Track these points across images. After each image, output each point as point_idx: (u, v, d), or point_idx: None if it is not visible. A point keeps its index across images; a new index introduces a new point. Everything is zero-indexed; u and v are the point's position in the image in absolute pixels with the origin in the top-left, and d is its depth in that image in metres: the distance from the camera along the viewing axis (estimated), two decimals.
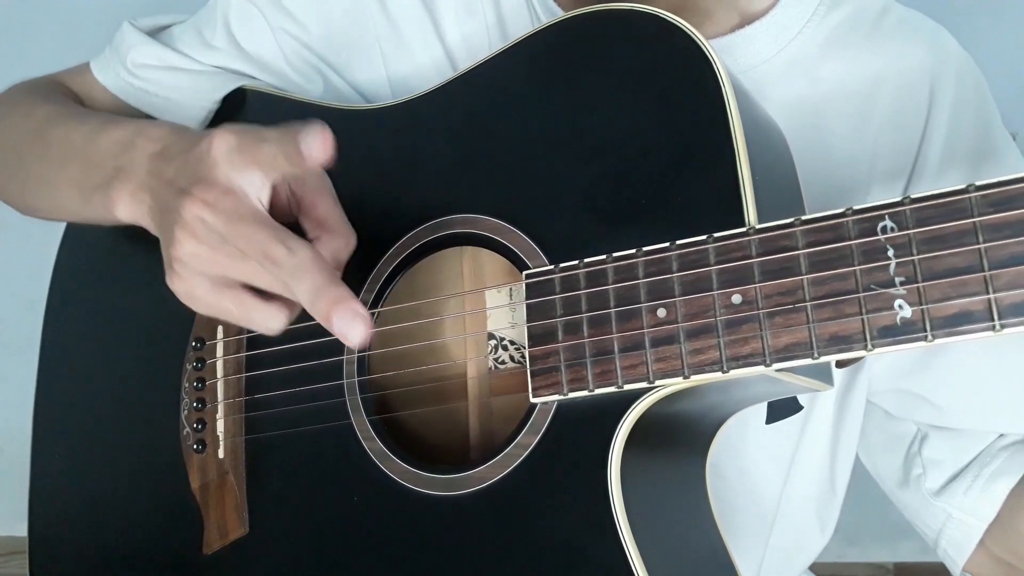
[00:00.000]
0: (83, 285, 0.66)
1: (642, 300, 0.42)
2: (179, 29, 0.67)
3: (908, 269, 0.36)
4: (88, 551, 0.61)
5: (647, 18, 0.45)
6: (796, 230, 0.39)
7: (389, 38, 0.62)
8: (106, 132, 0.55)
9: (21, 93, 0.67)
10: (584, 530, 0.42)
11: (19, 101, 0.65)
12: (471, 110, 0.52)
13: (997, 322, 0.35)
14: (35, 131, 0.61)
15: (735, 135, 0.42)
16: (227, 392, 0.56)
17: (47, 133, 0.60)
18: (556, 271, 0.45)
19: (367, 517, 0.50)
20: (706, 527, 0.48)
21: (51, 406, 0.65)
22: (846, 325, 0.37)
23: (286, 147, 0.44)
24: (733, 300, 0.40)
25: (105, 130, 0.55)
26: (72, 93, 0.68)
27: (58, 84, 0.68)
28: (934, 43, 0.60)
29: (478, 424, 0.54)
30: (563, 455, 0.44)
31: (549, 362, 0.44)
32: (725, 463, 0.60)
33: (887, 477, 0.68)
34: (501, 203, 0.49)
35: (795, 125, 0.51)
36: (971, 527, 0.61)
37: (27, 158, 0.62)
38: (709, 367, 0.40)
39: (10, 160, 0.64)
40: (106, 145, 0.54)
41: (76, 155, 0.56)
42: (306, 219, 0.50)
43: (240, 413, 0.56)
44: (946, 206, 0.36)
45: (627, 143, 0.45)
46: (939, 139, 0.59)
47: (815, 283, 0.38)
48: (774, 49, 0.58)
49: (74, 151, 0.57)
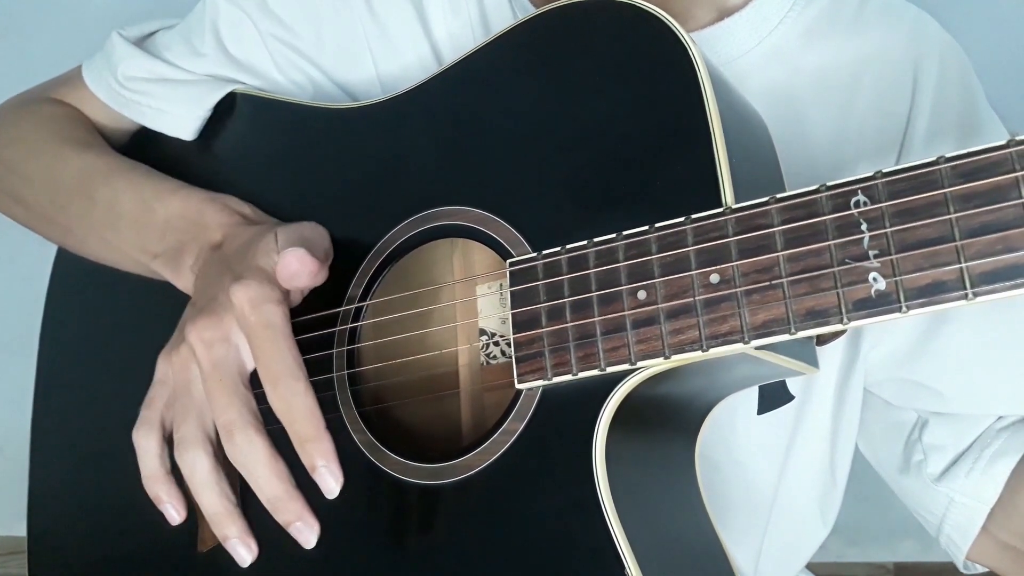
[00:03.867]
0: (82, 286, 0.67)
1: (623, 283, 0.43)
2: (168, 37, 0.67)
3: (881, 242, 0.37)
4: (85, 550, 0.61)
5: (622, 7, 0.46)
6: (771, 208, 0.39)
7: (377, 37, 0.63)
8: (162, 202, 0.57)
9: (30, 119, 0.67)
10: (571, 512, 0.42)
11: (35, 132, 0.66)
12: (454, 104, 0.53)
13: (970, 291, 0.35)
14: (76, 187, 0.62)
15: (710, 116, 0.42)
16: None
17: (91, 190, 0.61)
18: (539, 258, 0.45)
19: (359, 509, 0.50)
20: (695, 511, 0.48)
21: (49, 406, 0.66)
22: (822, 299, 0.38)
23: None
24: (711, 279, 0.40)
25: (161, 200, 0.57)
26: (85, 119, 0.68)
27: (62, 107, 0.69)
28: (915, 28, 0.61)
29: (470, 417, 0.55)
30: (549, 439, 0.44)
31: (534, 348, 0.45)
32: (718, 455, 0.60)
33: (887, 465, 0.68)
34: (485, 194, 0.49)
35: (777, 113, 0.52)
36: (974, 510, 0.61)
37: (69, 209, 0.62)
38: (689, 346, 0.41)
39: (43, 203, 0.64)
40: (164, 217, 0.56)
41: (129, 222, 0.58)
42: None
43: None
44: (917, 179, 0.36)
45: (606, 130, 0.46)
46: (924, 122, 0.59)
47: (791, 259, 0.39)
48: (754, 41, 0.59)
49: (126, 217, 0.58)
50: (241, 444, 0.45)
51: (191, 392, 0.47)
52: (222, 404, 0.45)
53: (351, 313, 0.53)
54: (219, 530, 0.47)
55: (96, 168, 0.62)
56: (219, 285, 0.48)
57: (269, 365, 0.45)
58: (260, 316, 0.45)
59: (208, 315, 0.47)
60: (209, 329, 0.46)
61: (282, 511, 0.46)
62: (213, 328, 0.46)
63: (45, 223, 0.66)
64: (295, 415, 0.45)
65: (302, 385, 0.45)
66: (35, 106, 0.68)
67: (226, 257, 0.51)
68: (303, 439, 0.45)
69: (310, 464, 0.45)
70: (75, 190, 0.62)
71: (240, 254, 0.49)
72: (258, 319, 0.45)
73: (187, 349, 0.47)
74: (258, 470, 0.45)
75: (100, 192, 0.60)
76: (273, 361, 0.45)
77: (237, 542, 0.47)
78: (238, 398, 0.46)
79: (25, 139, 0.66)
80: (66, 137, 0.65)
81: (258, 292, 0.46)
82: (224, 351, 0.46)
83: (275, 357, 0.45)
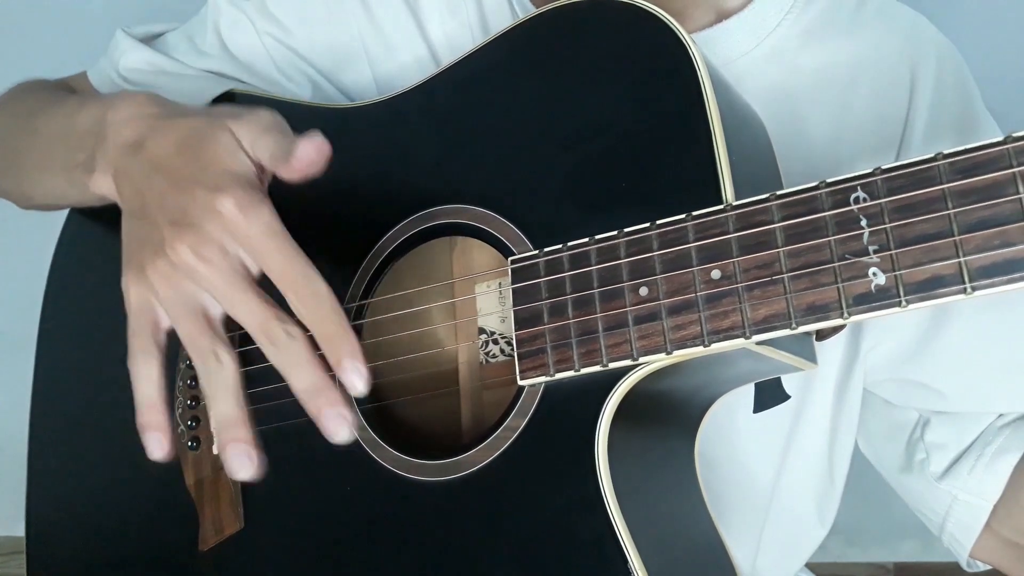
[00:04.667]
0: (79, 285, 0.67)
1: (624, 280, 0.43)
2: (172, 37, 0.68)
3: (881, 237, 0.37)
4: (85, 550, 0.61)
5: (623, 7, 0.46)
6: (772, 204, 0.40)
7: (373, 39, 0.63)
8: (84, 110, 0.55)
9: (18, 91, 0.68)
10: (573, 507, 0.43)
11: (16, 99, 0.67)
12: (454, 103, 0.53)
13: (968, 285, 0.35)
14: (24, 122, 0.62)
15: (711, 114, 0.43)
16: None
17: (34, 122, 0.61)
18: (540, 255, 0.46)
19: (361, 506, 0.50)
20: (695, 506, 0.49)
21: (47, 405, 0.66)
22: (822, 294, 0.38)
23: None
24: (712, 275, 0.41)
25: (83, 108, 0.56)
26: (70, 89, 0.69)
27: (56, 82, 0.70)
28: (912, 31, 0.61)
29: (470, 415, 0.55)
30: (551, 435, 0.45)
31: (536, 344, 0.45)
32: (716, 453, 0.60)
33: (889, 465, 0.68)
34: (486, 192, 0.50)
35: (776, 113, 0.52)
36: (978, 507, 0.61)
37: (20, 149, 0.63)
38: (691, 342, 0.41)
39: (7, 154, 0.65)
40: (82, 124, 0.55)
41: (57, 139, 0.57)
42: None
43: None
44: (915, 175, 0.37)
45: (607, 129, 0.46)
46: (922, 124, 0.60)
47: (791, 255, 0.39)
48: (752, 42, 0.59)
49: (55, 136, 0.58)
50: (282, 340, 0.44)
51: (194, 304, 0.45)
52: (251, 308, 0.44)
53: (352, 312, 0.53)
54: (231, 433, 0.44)
55: (45, 101, 0.62)
56: (183, 196, 0.45)
57: (284, 271, 0.44)
58: (259, 224, 0.44)
59: (188, 229, 0.44)
60: (203, 244, 0.44)
61: (321, 397, 0.44)
62: (205, 242, 0.44)
63: (3, 173, 0.66)
64: (320, 314, 0.44)
65: (322, 286, 0.44)
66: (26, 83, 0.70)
67: (162, 162, 0.48)
68: (329, 337, 0.44)
69: (335, 360, 0.44)
70: (24, 126, 0.62)
71: (189, 159, 0.47)
72: (258, 228, 0.44)
73: (170, 266, 0.45)
74: (300, 362, 0.44)
75: (39, 120, 0.60)
76: (287, 266, 0.44)
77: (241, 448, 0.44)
78: (262, 299, 0.45)
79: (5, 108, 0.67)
80: (33, 90, 0.66)
81: (247, 198, 0.44)
82: (227, 262, 0.44)
83: (287, 262, 0.44)
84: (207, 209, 0.44)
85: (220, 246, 0.44)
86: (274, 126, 0.47)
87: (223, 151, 0.46)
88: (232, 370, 0.45)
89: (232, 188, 0.44)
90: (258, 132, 0.47)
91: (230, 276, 0.44)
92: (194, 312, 0.45)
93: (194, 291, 0.45)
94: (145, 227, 0.47)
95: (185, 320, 0.45)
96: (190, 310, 0.45)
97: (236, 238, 0.44)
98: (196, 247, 0.44)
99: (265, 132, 0.47)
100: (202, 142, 0.47)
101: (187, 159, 0.47)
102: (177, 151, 0.48)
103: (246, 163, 0.46)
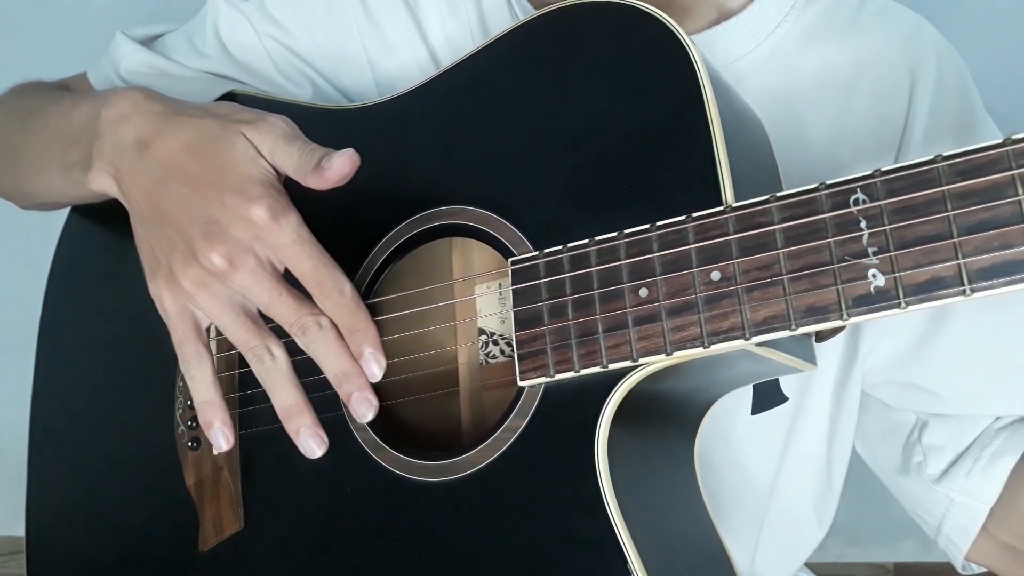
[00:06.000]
0: (79, 285, 0.67)
1: (624, 281, 0.43)
2: (171, 38, 0.68)
3: (880, 239, 0.37)
4: (85, 550, 0.61)
5: (623, 9, 0.47)
6: (771, 206, 0.40)
7: (373, 40, 0.63)
8: (78, 108, 0.56)
9: (15, 92, 0.68)
10: (574, 507, 0.43)
11: (14, 100, 0.67)
12: (455, 105, 0.53)
13: (967, 287, 0.35)
14: (22, 122, 0.63)
15: (711, 116, 0.43)
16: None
17: (31, 121, 0.62)
18: (541, 256, 0.46)
19: (361, 507, 0.50)
20: (695, 506, 0.49)
21: (47, 405, 0.66)
22: (822, 296, 0.38)
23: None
24: (712, 277, 0.41)
25: (78, 106, 0.56)
26: (68, 90, 0.69)
27: (54, 83, 0.70)
28: (913, 33, 0.61)
29: (470, 415, 0.55)
30: (551, 436, 0.45)
31: (536, 345, 0.45)
32: (715, 455, 0.61)
33: (886, 467, 0.68)
34: (487, 193, 0.50)
35: (775, 114, 0.52)
36: (974, 510, 0.61)
37: (17, 148, 0.63)
38: (691, 343, 0.41)
39: (5, 154, 0.65)
40: (78, 122, 0.55)
41: (55, 138, 0.58)
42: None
43: (234, 409, 0.56)
44: (915, 176, 0.37)
45: (607, 130, 0.46)
46: (921, 126, 0.60)
47: (791, 257, 0.39)
48: (752, 43, 0.59)
49: (52, 134, 0.58)
50: (315, 335, 0.48)
51: (235, 307, 0.48)
52: (287, 307, 0.48)
53: None
54: (300, 420, 0.49)
55: (42, 99, 0.63)
56: (210, 203, 0.47)
57: (313, 274, 0.48)
58: (289, 230, 0.47)
59: (220, 237, 0.47)
60: (236, 252, 0.47)
61: (350, 382, 0.48)
62: (239, 251, 0.47)
63: (2, 173, 0.67)
64: (346, 310, 0.48)
65: (347, 285, 0.48)
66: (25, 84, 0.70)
67: (175, 166, 0.49)
68: (353, 329, 0.48)
69: (358, 351, 0.48)
70: (21, 125, 0.63)
71: (206, 163, 0.48)
72: (289, 235, 0.47)
73: (205, 273, 0.47)
74: (332, 351, 0.48)
75: (36, 120, 0.61)
76: (315, 269, 0.48)
77: (310, 431, 0.49)
78: (294, 297, 0.48)
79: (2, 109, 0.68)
80: (32, 91, 0.67)
81: (277, 206, 0.47)
82: (260, 266, 0.47)
83: (316, 265, 0.48)
84: (238, 216, 0.47)
85: (253, 252, 0.47)
86: (293, 135, 0.49)
87: (240, 157, 0.48)
88: (285, 360, 0.49)
89: (264, 196, 0.47)
90: (276, 140, 0.49)
91: (265, 280, 0.48)
92: (238, 314, 0.49)
93: (231, 294, 0.48)
94: (167, 233, 0.49)
95: (232, 325, 0.49)
96: (235, 314, 0.48)
97: (268, 244, 0.47)
98: (230, 255, 0.47)
99: (286, 141, 0.48)
100: (216, 146, 0.48)
101: (203, 164, 0.48)
102: (189, 154, 0.49)
103: (267, 170, 0.48)
